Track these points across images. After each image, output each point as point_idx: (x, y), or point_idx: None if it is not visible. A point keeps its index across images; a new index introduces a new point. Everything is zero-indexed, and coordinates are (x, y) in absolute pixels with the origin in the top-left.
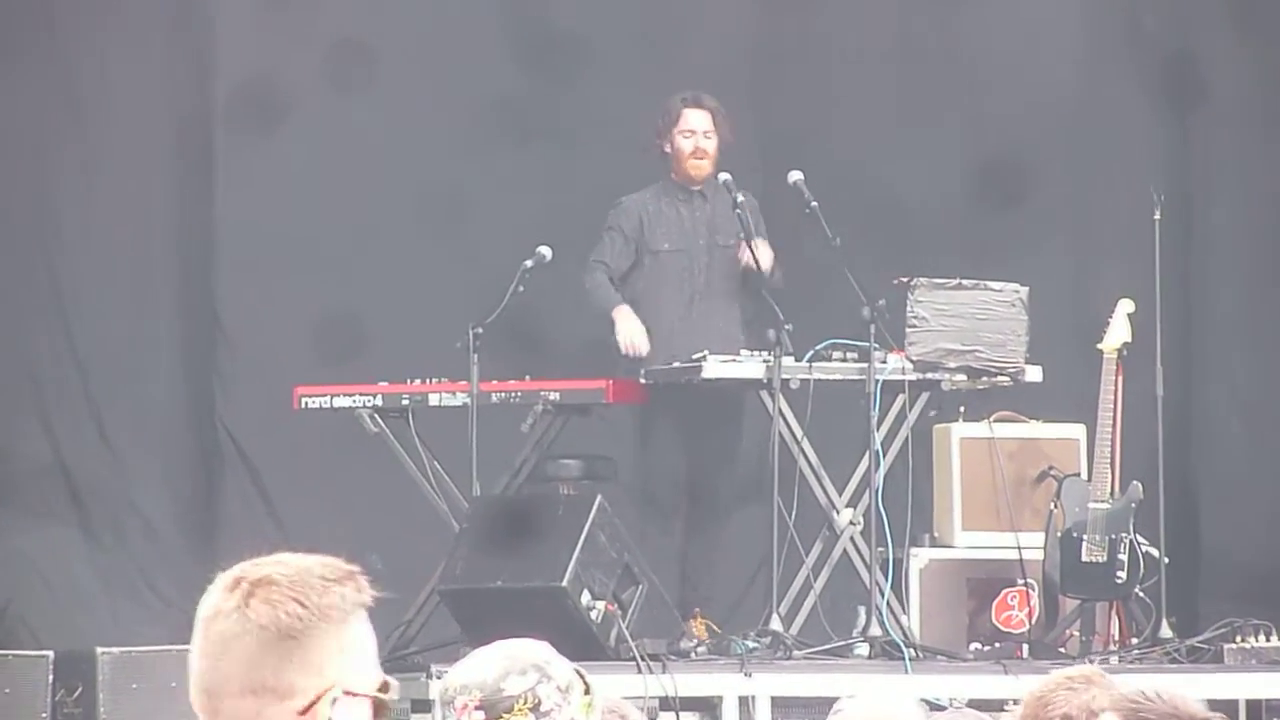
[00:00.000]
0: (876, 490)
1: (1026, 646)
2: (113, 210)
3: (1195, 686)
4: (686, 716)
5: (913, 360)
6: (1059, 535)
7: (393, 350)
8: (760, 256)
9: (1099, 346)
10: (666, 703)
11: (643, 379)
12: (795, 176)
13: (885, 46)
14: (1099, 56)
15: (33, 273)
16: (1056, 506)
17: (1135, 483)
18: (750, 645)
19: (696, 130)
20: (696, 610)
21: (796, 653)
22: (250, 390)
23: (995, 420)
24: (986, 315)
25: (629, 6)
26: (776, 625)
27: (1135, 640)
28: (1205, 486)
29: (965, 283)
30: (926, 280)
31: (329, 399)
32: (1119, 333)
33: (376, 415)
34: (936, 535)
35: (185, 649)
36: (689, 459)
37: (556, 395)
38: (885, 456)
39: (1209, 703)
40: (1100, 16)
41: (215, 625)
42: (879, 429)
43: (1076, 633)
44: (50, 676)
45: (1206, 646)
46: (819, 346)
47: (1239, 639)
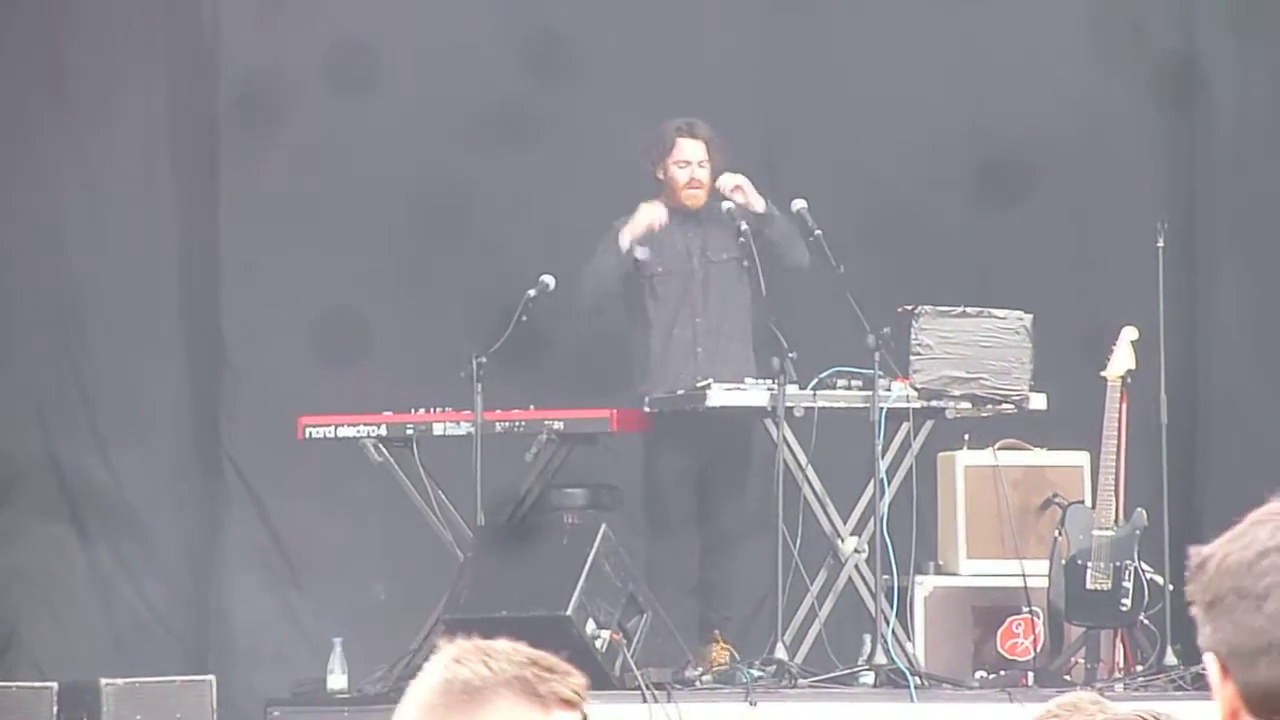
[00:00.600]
0: (881, 518)
1: (1032, 674)
2: (115, 237)
3: (1200, 714)
4: None
5: (917, 388)
6: (1063, 563)
7: (397, 380)
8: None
9: (1103, 374)
10: None
11: (647, 408)
12: (799, 204)
13: (889, 64)
14: (1103, 78)
15: (38, 302)
16: (1061, 534)
17: (1139, 510)
18: (755, 673)
19: (691, 160)
20: (716, 633)
21: (801, 681)
22: (255, 420)
23: (1000, 448)
24: (991, 343)
25: (630, 9)
26: (781, 653)
27: (1140, 668)
28: (1209, 513)
29: (969, 310)
30: (931, 308)
31: (333, 429)
32: (1123, 360)
33: (381, 445)
34: (941, 563)
35: (189, 680)
36: (696, 487)
37: (560, 424)
38: (890, 484)
39: None
40: (1107, 34)
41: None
42: (883, 457)
43: (1082, 660)
44: (54, 708)
45: None
46: (823, 374)
47: None
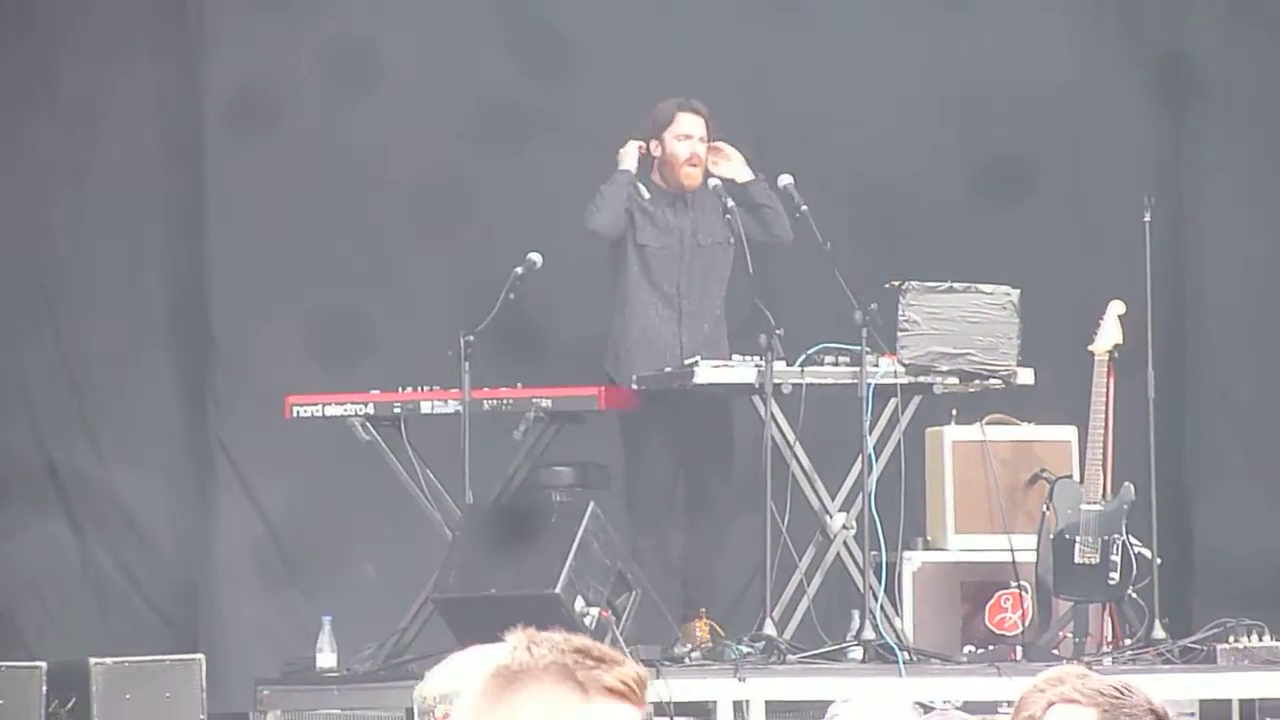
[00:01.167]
0: (869, 494)
1: (1020, 649)
2: (104, 223)
3: (1189, 687)
4: None
5: (905, 364)
6: (1051, 537)
7: (385, 358)
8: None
9: (1090, 348)
10: (661, 708)
11: (635, 385)
12: (785, 180)
13: (879, 48)
14: (1092, 58)
15: (25, 287)
16: (1049, 509)
17: (1127, 484)
18: (744, 650)
19: (692, 135)
20: (701, 610)
21: (790, 657)
22: (243, 402)
23: (987, 423)
24: (978, 318)
25: (628, 7)
26: (770, 630)
27: (1128, 641)
28: (1197, 487)
29: (956, 286)
30: (918, 284)
31: (320, 408)
32: (1110, 335)
33: (368, 424)
34: (929, 538)
35: (179, 659)
36: (682, 464)
37: (549, 402)
38: (878, 460)
39: (1201, 704)
40: (1093, 18)
41: None
42: (871, 433)
43: (1070, 634)
44: (44, 687)
45: (1199, 647)
46: (811, 351)
47: (1232, 639)
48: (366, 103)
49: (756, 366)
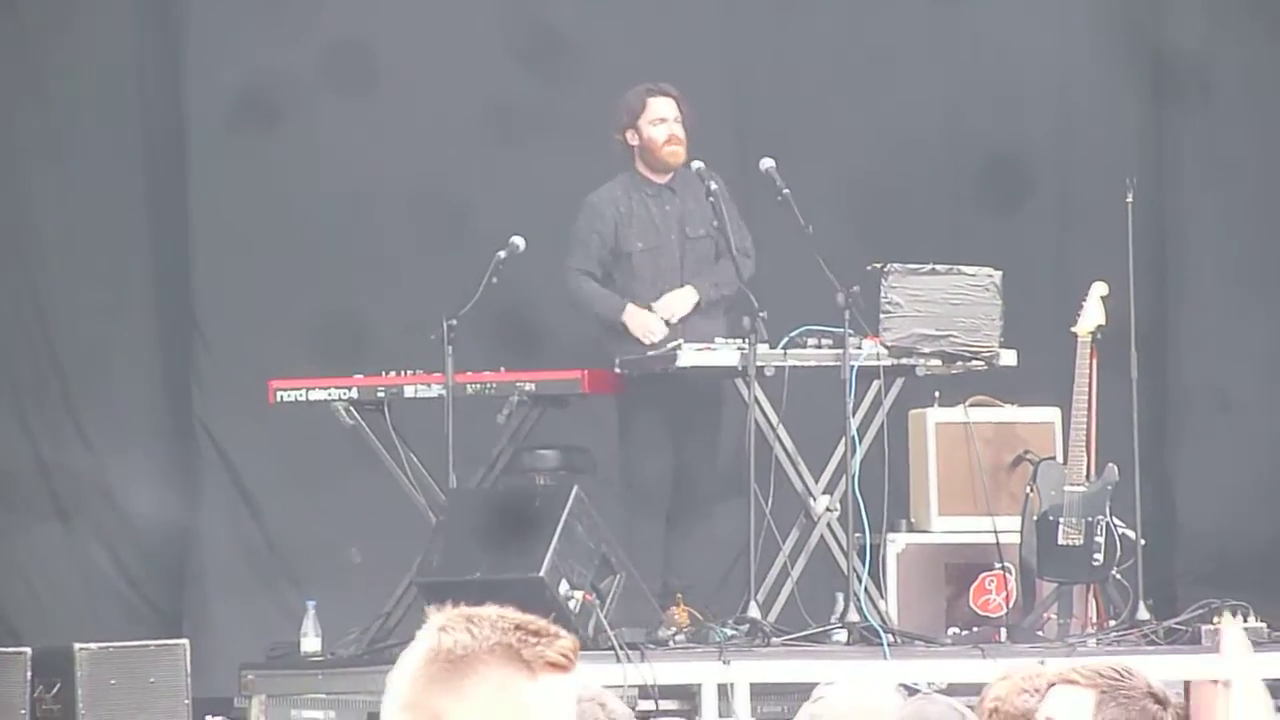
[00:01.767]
0: (853, 476)
1: (1004, 630)
2: (87, 209)
3: (1173, 668)
4: (665, 705)
5: (887, 346)
6: (1035, 519)
7: (368, 342)
8: (666, 309)
9: (1073, 330)
10: (645, 691)
11: (618, 368)
12: (767, 164)
13: (864, 32)
14: (1075, 42)
15: (8, 274)
16: (1032, 490)
17: (1111, 465)
18: (728, 633)
19: (667, 117)
20: (679, 596)
21: (775, 640)
22: (227, 387)
23: (970, 405)
24: (960, 300)
25: (626, 7)
26: (754, 612)
27: (1113, 622)
28: (1181, 468)
29: (939, 268)
30: (900, 266)
31: (304, 392)
32: (1093, 316)
33: (352, 408)
34: (913, 520)
35: (163, 644)
36: (669, 448)
37: (532, 386)
38: (861, 442)
39: (1186, 684)
40: (1078, 3)
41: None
42: (854, 415)
43: (1054, 616)
44: (28, 673)
45: (1184, 628)
46: (794, 333)
47: (1216, 620)
48: (348, 91)
49: (739, 349)
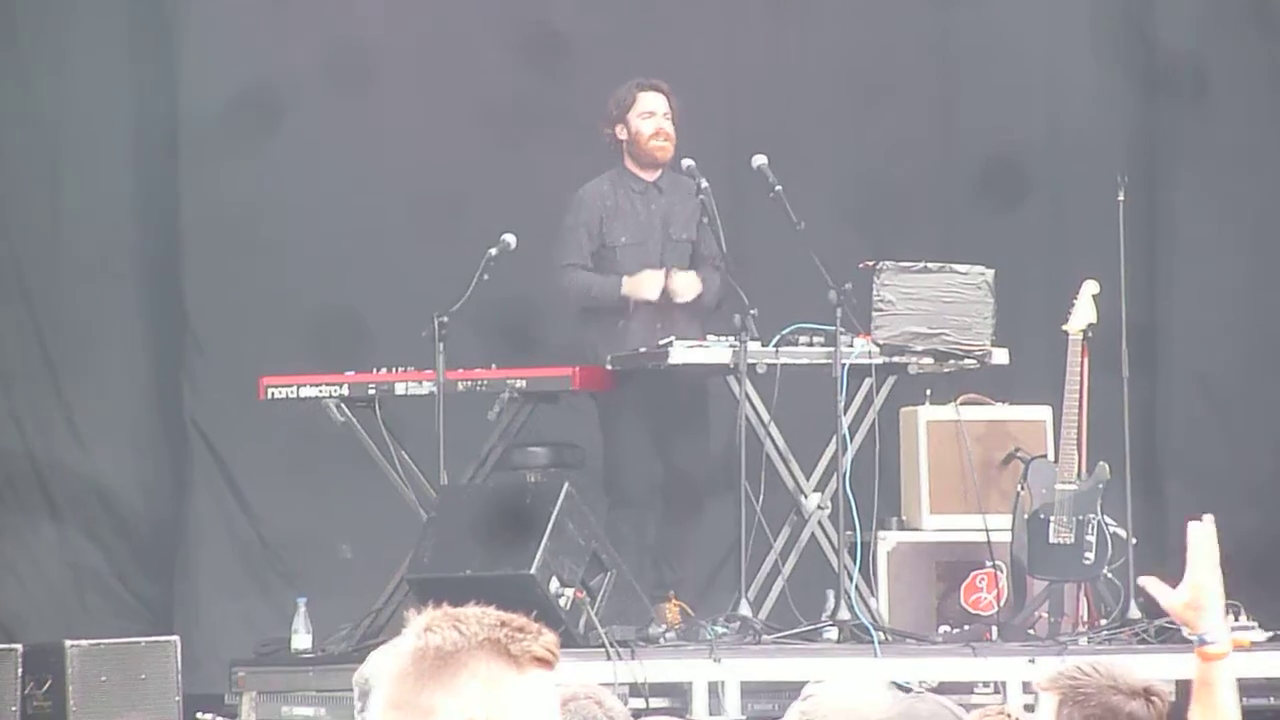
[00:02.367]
0: (844, 474)
1: (995, 629)
2: (78, 207)
3: (1164, 667)
4: (656, 702)
5: (879, 344)
6: (1026, 517)
7: (359, 340)
8: (677, 289)
9: (1064, 328)
10: (636, 689)
11: (609, 365)
12: (759, 161)
13: (857, 33)
14: (1067, 41)
15: None
16: (1024, 488)
17: (1102, 463)
18: (719, 630)
19: (656, 111)
20: (671, 593)
21: (765, 637)
22: (218, 384)
23: (962, 403)
24: (952, 298)
25: (623, 6)
26: (745, 610)
27: (1104, 621)
28: (1171, 466)
29: (931, 266)
30: (892, 263)
31: (295, 389)
32: (1084, 314)
33: (343, 405)
34: (904, 518)
35: (154, 641)
36: (658, 446)
37: (523, 383)
38: (852, 440)
39: (1176, 684)
40: (1070, 3)
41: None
42: (846, 413)
43: (1045, 614)
44: (19, 669)
45: (1175, 627)
46: (785, 331)
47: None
48: (340, 89)
49: (731, 347)
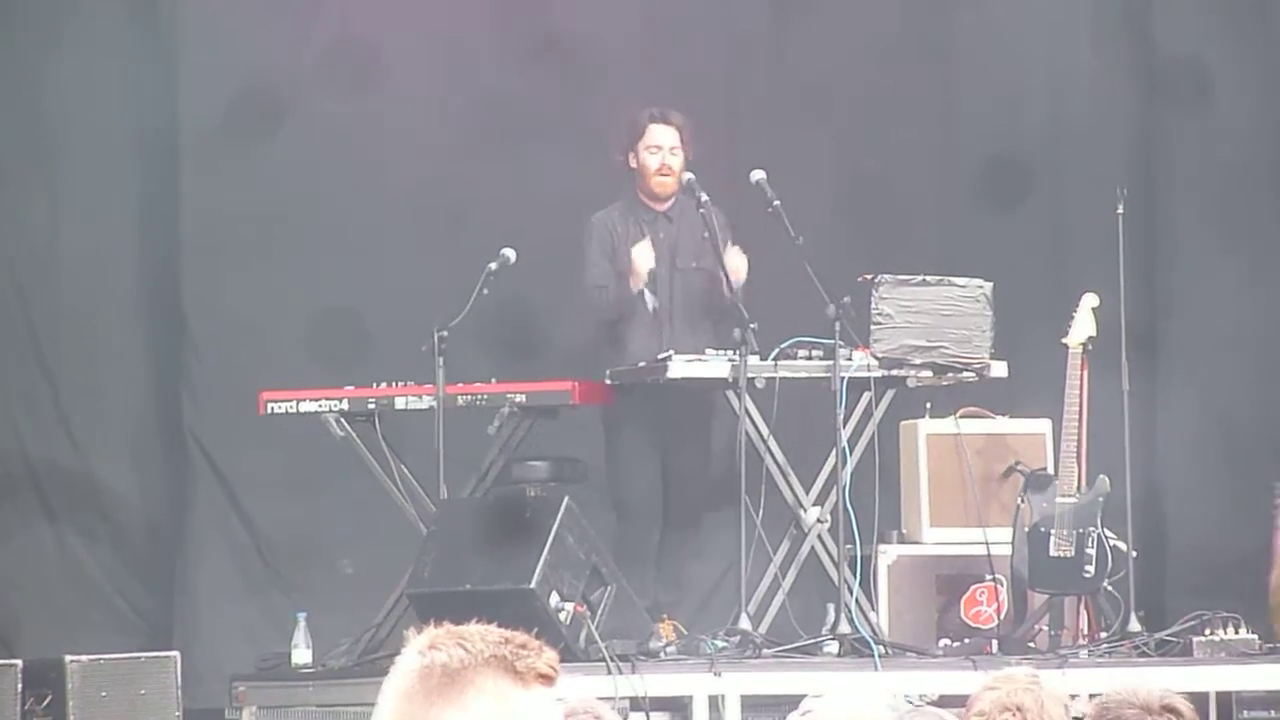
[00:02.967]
0: (844, 487)
1: (995, 642)
2: (77, 218)
3: (1165, 680)
4: (657, 716)
5: (878, 357)
6: (1026, 530)
7: (359, 353)
8: (732, 268)
9: (1064, 341)
10: (637, 703)
11: (609, 380)
12: (757, 175)
13: (858, 41)
14: (1066, 53)
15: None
16: (1024, 502)
17: (1102, 477)
18: (719, 644)
19: (663, 146)
20: (665, 615)
21: (766, 651)
22: (218, 398)
23: (961, 416)
24: (951, 311)
25: (623, 15)
26: (745, 624)
27: (1104, 634)
28: (1172, 479)
29: (929, 279)
30: (891, 277)
31: (295, 404)
32: (1084, 327)
33: (343, 419)
34: (904, 532)
35: (154, 656)
36: (655, 465)
37: (523, 397)
38: (852, 454)
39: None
40: (1071, 14)
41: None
42: (845, 426)
43: (1045, 627)
44: (19, 685)
45: (1175, 640)
46: (784, 345)
47: (1208, 632)
48: (342, 97)
49: (730, 361)
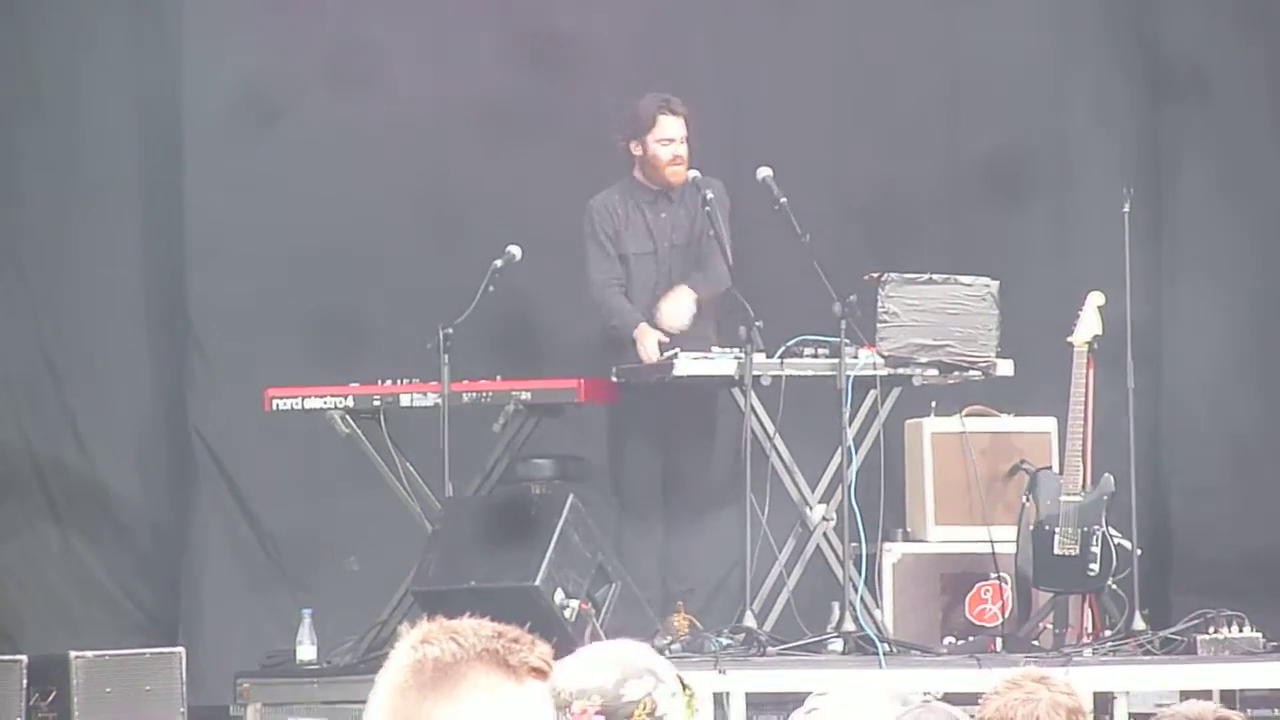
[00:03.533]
0: (849, 486)
1: (1000, 640)
2: (82, 216)
3: (1169, 678)
4: None
5: (884, 356)
6: (1031, 529)
7: (364, 351)
8: (665, 313)
9: (1069, 340)
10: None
11: (614, 377)
12: (764, 173)
13: (861, 40)
14: (1072, 50)
15: (3, 278)
16: (1028, 500)
17: (1107, 475)
18: (724, 642)
19: (675, 137)
20: (679, 604)
21: (770, 649)
22: (223, 395)
23: (967, 415)
24: (957, 310)
25: (625, 13)
26: (750, 622)
27: (1108, 633)
28: (1177, 478)
29: (936, 277)
30: (897, 275)
31: (300, 400)
32: (1089, 326)
33: (348, 416)
34: (909, 530)
35: (159, 652)
36: (663, 458)
37: (528, 395)
38: (857, 452)
39: (1181, 694)
40: (1075, 12)
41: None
42: (851, 425)
43: (1050, 626)
44: (24, 681)
45: (1180, 638)
46: (790, 343)
47: (1212, 630)
48: (345, 96)
49: (736, 359)
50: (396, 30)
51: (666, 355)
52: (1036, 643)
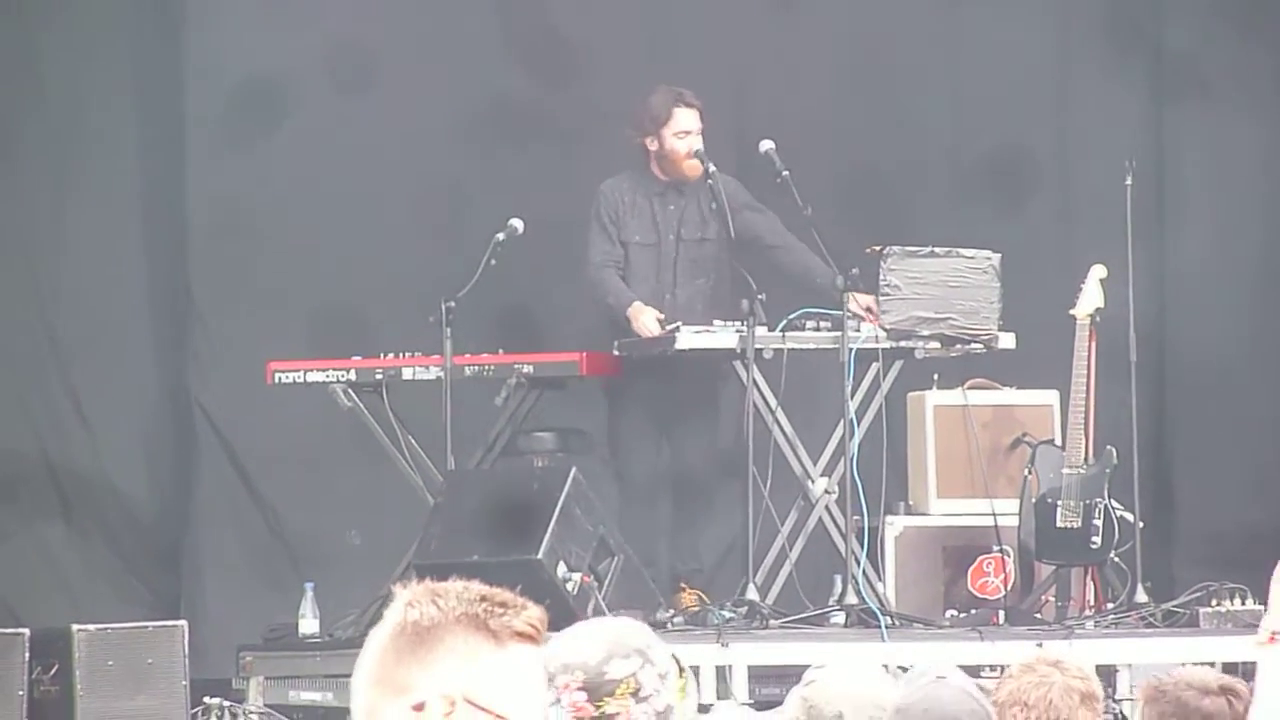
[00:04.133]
0: (851, 459)
1: (1002, 613)
2: (84, 192)
3: (1171, 651)
4: None
5: (886, 329)
6: (1034, 502)
7: (366, 324)
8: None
9: (1072, 312)
10: None
11: (616, 351)
12: (766, 146)
13: (864, 25)
14: (1074, 29)
15: (7, 259)
16: (1031, 473)
17: (1109, 448)
18: (727, 615)
19: (691, 130)
20: (683, 584)
21: (773, 622)
22: (225, 370)
23: (969, 388)
24: (959, 283)
25: (628, 7)
26: (753, 595)
27: (1111, 605)
28: (1179, 451)
29: (938, 250)
30: (899, 248)
31: (302, 374)
32: (1092, 298)
33: (350, 390)
34: (911, 503)
35: (161, 626)
36: (658, 439)
37: (530, 368)
38: (860, 425)
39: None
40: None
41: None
42: (853, 398)
43: (1052, 598)
44: (26, 654)
45: (1182, 610)
46: (792, 316)
47: (1215, 603)
48: (347, 83)
49: (738, 332)
50: (397, 23)
51: (669, 328)
52: (1039, 616)
